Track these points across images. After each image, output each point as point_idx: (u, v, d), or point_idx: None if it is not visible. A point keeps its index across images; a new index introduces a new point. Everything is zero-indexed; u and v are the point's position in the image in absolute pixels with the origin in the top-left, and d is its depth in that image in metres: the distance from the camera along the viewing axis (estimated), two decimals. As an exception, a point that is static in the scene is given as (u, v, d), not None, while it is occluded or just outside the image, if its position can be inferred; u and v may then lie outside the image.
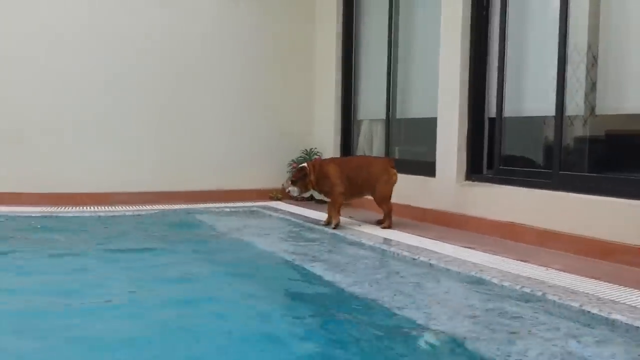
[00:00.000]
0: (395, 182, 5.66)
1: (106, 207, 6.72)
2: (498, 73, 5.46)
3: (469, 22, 5.60)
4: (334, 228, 5.48)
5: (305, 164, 5.68)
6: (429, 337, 2.83)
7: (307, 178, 5.53)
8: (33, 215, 6.20)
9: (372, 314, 3.29)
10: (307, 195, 5.80)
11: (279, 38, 7.99)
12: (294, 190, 5.60)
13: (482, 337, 2.82)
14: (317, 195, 5.83)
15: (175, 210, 6.79)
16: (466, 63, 5.62)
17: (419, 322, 3.05)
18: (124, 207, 6.75)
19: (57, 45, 7.00)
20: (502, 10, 5.42)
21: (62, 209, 6.54)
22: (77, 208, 6.65)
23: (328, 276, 3.98)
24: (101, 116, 7.17)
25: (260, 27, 7.88)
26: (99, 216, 6.34)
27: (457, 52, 5.62)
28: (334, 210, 5.59)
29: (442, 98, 5.85)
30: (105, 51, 7.15)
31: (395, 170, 5.67)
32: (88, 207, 6.69)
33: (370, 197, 5.77)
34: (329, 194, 5.64)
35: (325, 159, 6.15)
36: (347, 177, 5.62)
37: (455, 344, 2.75)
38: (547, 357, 2.58)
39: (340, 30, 7.76)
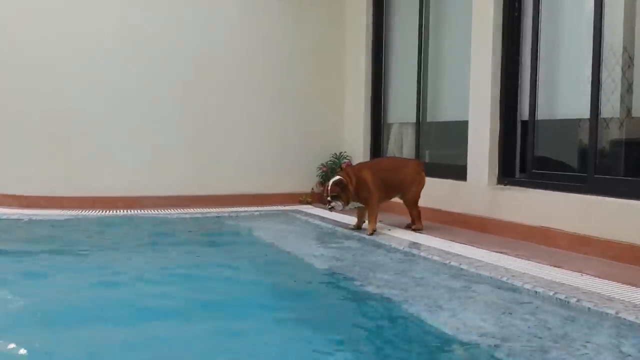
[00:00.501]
0: (424, 184, 5.66)
1: (139, 211, 6.83)
2: (531, 75, 5.37)
3: (501, 23, 5.52)
4: (370, 234, 5.40)
5: (340, 177, 5.46)
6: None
7: (347, 189, 5.41)
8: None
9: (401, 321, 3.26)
10: (348, 207, 5.55)
11: (308, 40, 7.97)
12: (337, 205, 5.41)
13: (515, 344, 2.77)
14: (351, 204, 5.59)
15: (207, 214, 6.84)
16: (498, 65, 5.54)
17: (451, 331, 3.00)
18: (155, 211, 6.86)
19: (92, 53, 7.11)
20: (534, 11, 5.33)
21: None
22: (123, 211, 6.80)
23: (362, 280, 3.98)
24: (133, 121, 7.25)
25: (289, 28, 7.88)
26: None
27: (488, 54, 5.55)
28: (371, 217, 5.51)
29: (473, 101, 5.77)
30: (137, 57, 7.24)
31: (424, 173, 5.67)
32: (128, 211, 6.82)
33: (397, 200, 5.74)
34: (366, 200, 5.54)
35: (354, 166, 6.08)
36: (380, 180, 5.57)
37: (486, 352, 2.70)
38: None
39: (370, 31, 7.72)
